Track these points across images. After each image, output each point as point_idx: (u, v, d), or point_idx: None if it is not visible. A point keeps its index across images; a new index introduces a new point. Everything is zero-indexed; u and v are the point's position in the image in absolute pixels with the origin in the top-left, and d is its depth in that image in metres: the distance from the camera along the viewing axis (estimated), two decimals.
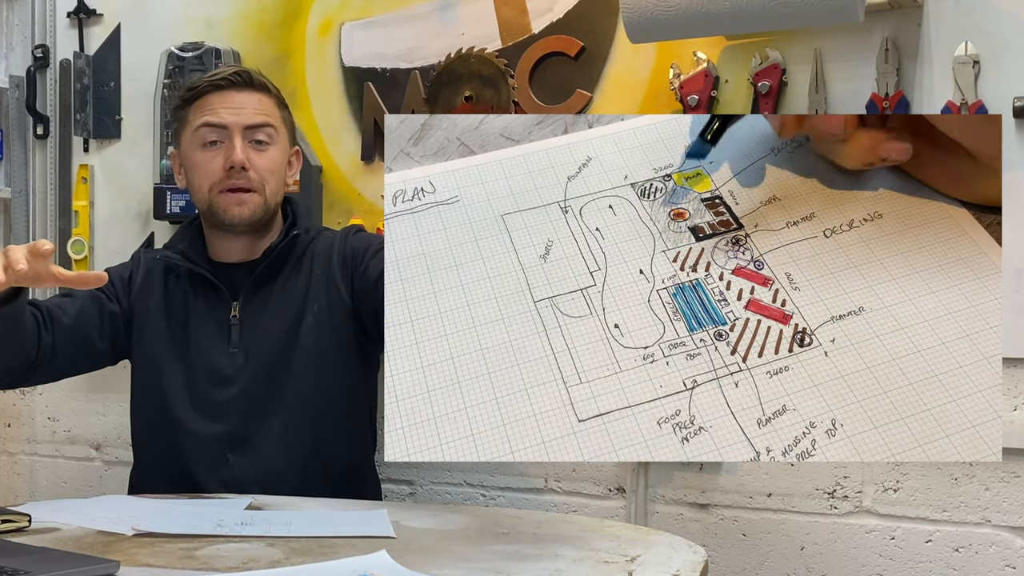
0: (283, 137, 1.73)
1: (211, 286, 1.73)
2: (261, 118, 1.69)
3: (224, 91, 1.69)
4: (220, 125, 1.67)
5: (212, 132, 1.68)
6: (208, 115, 1.68)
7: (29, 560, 1.10)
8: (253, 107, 1.69)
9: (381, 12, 2.01)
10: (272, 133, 1.70)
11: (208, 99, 1.69)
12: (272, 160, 1.70)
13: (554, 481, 1.86)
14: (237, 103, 1.68)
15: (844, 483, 1.67)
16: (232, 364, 1.70)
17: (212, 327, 1.71)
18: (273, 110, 1.72)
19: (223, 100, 1.68)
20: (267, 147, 1.70)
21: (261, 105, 1.70)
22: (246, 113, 1.68)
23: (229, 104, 1.68)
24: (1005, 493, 1.58)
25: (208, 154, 1.68)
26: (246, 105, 1.69)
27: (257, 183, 1.68)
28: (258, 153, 1.69)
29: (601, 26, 1.82)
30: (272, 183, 1.71)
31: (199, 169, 1.70)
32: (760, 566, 1.73)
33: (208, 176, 1.68)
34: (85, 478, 2.27)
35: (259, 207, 1.70)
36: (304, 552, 1.21)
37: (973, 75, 1.57)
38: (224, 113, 1.68)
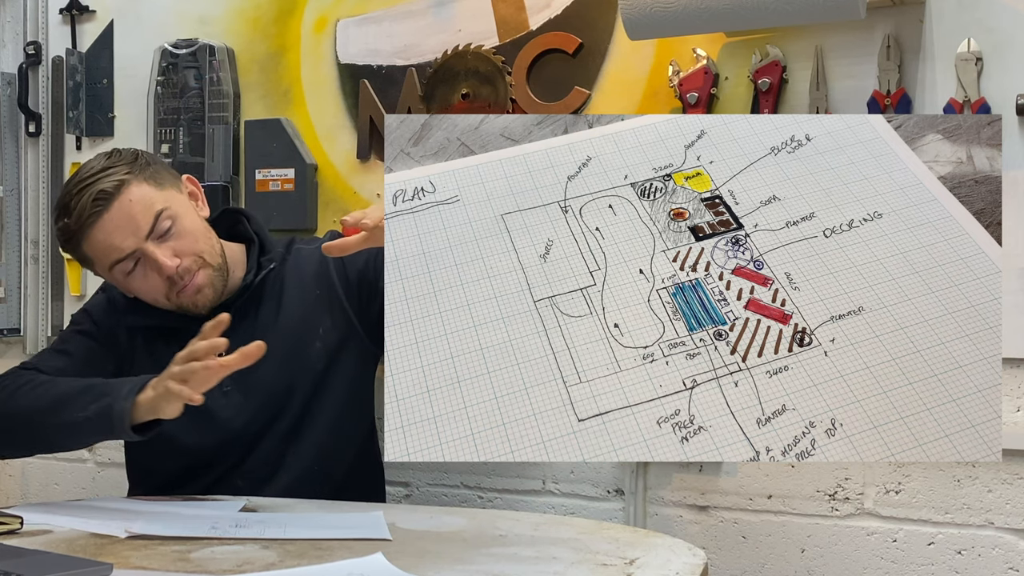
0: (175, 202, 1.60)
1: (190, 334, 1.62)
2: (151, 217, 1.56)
3: (99, 222, 1.55)
4: (127, 255, 1.56)
5: (126, 263, 1.57)
6: (110, 254, 1.56)
7: (21, 563, 1.10)
8: (136, 214, 1.55)
9: (377, 8, 2.00)
10: (169, 213, 1.58)
11: (93, 238, 1.56)
12: (190, 232, 1.60)
13: (552, 483, 1.86)
14: (119, 224, 1.55)
15: (845, 485, 1.67)
16: (230, 404, 1.65)
17: None
18: (149, 193, 1.57)
19: (106, 231, 1.55)
20: (174, 228, 1.58)
21: (138, 205, 1.55)
22: (137, 226, 1.55)
23: (115, 230, 1.55)
24: (1008, 495, 1.58)
25: (138, 279, 1.59)
26: (130, 218, 1.55)
27: (197, 262, 1.60)
28: (174, 240, 1.58)
29: (599, 23, 1.81)
30: (205, 247, 1.61)
31: (141, 292, 1.61)
32: (760, 569, 1.72)
33: (154, 293, 1.60)
34: (77, 480, 2.26)
35: (215, 277, 1.62)
36: (299, 554, 1.20)
37: (976, 72, 1.57)
38: (120, 242, 1.55)
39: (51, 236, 2.26)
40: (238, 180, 2.09)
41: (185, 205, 1.63)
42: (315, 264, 1.72)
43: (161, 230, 1.57)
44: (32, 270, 2.28)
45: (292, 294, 1.70)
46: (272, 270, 1.69)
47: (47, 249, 2.26)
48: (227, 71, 2.08)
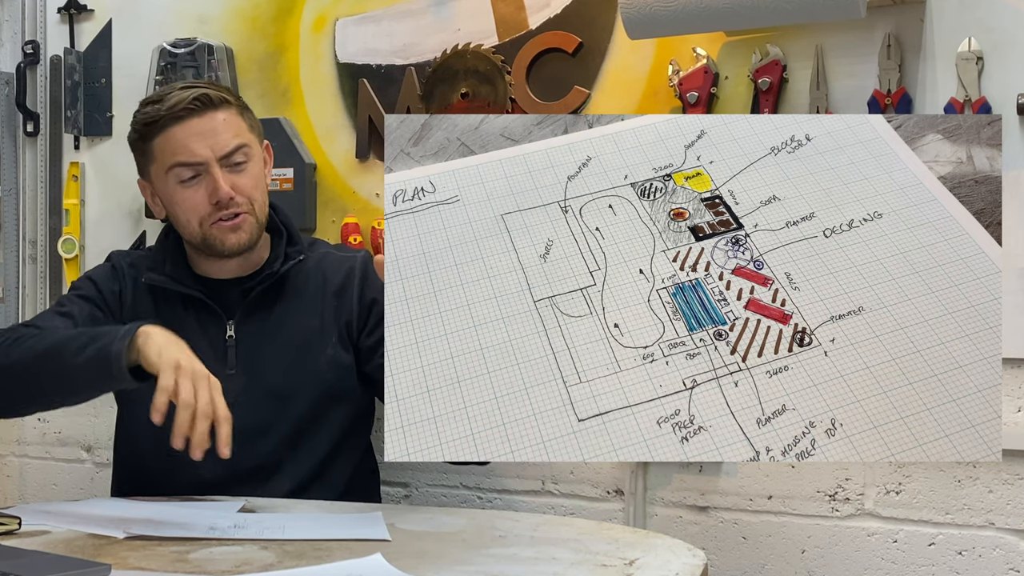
0: (256, 147, 1.65)
1: (203, 304, 1.65)
2: (234, 142, 1.59)
3: (186, 121, 1.58)
4: (195, 163, 1.58)
5: (187, 170, 1.59)
6: (179, 154, 1.58)
7: (19, 563, 1.09)
8: (222, 131, 1.59)
9: (376, 7, 1.99)
10: (247, 151, 1.61)
11: (172, 133, 1.58)
12: (254, 177, 1.62)
13: (551, 483, 1.85)
14: (204, 131, 1.58)
15: (846, 485, 1.67)
16: (232, 387, 1.61)
17: (206, 346, 1.61)
18: (240, 124, 1.62)
19: (188, 132, 1.58)
20: (245, 166, 1.61)
21: (228, 126, 1.60)
22: (218, 142, 1.58)
23: (197, 135, 1.58)
24: (1009, 495, 1.57)
25: (188, 191, 1.60)
26: (215, 132, 1.58)
27: (247, 206, 1.61)
28: (239, 175, 1.60)
29: (599, 22, 1.81)
30: (259, 198, 1.63)
31: (182, 206, 1.61)
32: (760, 569, 1.72)
33: (195, 212, 1.61)
34: (76, 480, 2.25)
35: (254, 228, 1.63)
36: (298, 555, 1.20)
37: (976, 71, 1.56)
38: (196, 148, 1.58)
39: (49, 236, 2.25)
40: None
41: (260, 156, 1.66)
42: (342, 275, 1.69)
43: (234, 160, 1.60)
44: (30, 270, 2.27)
45: (312, 295, 1.68)
46: (299, 262, 1.68)
47: (45, 249, 2.26)
48: (226, 70, 2.08)
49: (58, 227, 2.25)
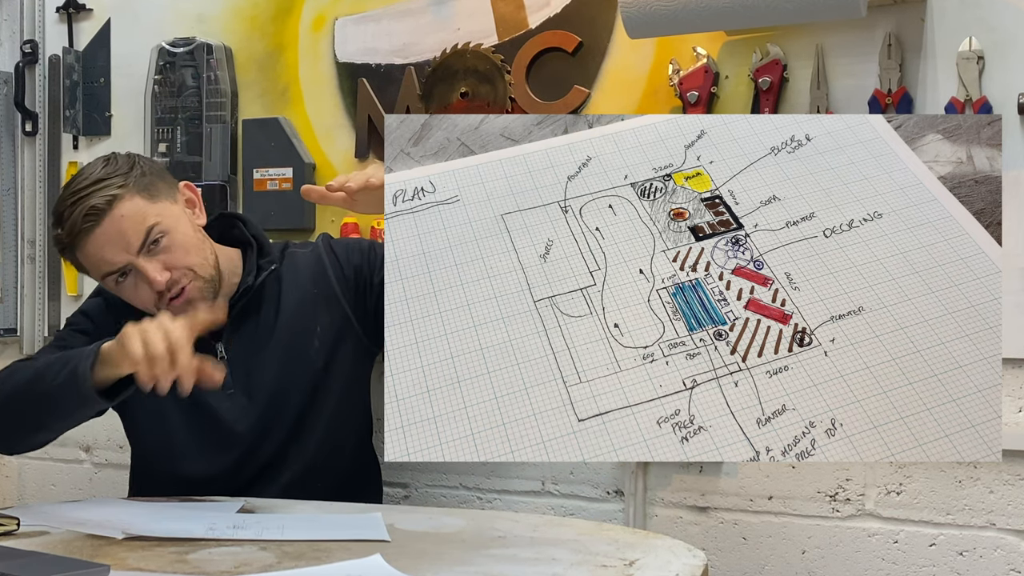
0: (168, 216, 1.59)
1: None
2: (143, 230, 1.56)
3: (91, 234, 1.55)
4: (118, 270, 1.56)
5: (116, 275, 1.57)
6: (101, 267, 1.57)
7: (18, 564, 1.09)
8: (127, 228, 1.55)
9: (375, 7, 1.99)
10: (160, 227, 1.57)
11: (85, 251, 1.57)
12: (181, 245, 1.59)
13: (551, 484, 1.85)
14: (111, 238, 1.55)
15: (846, 486, 1.66)
16: (233, 406, 1.65)
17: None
18: (140, 207, 1.56)
19: (96, 245, 1.55)
20: (165, 241, 1.57)
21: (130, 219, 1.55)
22: (128, 241, 1.55)
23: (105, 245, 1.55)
24: (1010, 496, 1.57)
25: (128, 289, 1.59)
26: (121, 233, 1.55)
27: (187, 275, 1.59)
28: (165, 254, 1.57)
29: (599, 21, 1.81)
30: (197, 259, 1.60)
31: (132, 302, 1.61)
32: (761, 570, 1.72)
33: (147, 303, 1.59)
34: (75, 481, 2.25)
35: (206, 288, 1.61)
36: (297, 556, 1.20)
37: (977, 71, 1.56)
38: (110, 256, 1.55)
39: (48, 236, 2.25)
40: (236, 179, 2.09)
41: (178, 217, 1.61)
42: (312, 264, 1.72)
43: (152, 244, 1.56)
44: (29, 270, 2.27)
45: (289, 295, 1.70)
46: (271, 272, 1.69)
47: (44, 249, 2.25)
48: (225, 70, 2.08)
49: None
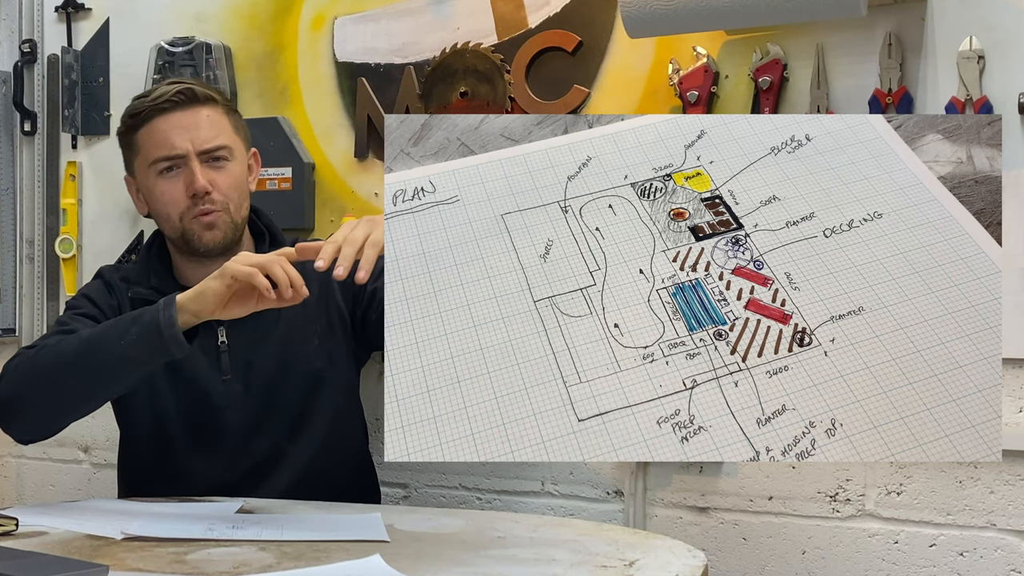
0: (239, 149, 1.67)
1: None
2: (214, 140, 1.62)
3: (170, 113, 1.61)
4: (175, 155, 1.61)
5: (167, 162, 1.61)
6: (160, 147, 1.61)
7: (16, 564, 1.09)
8: (204, 127, 1.62)
9: (375, 6, 1.99)
10: (229, 151, 1.64)
11: (155, 125, 1.62)
12: (233, 176, 1.65)
13: (551, 484, 1.85)
14: (187, 125, 1.61)
15: (846, 486, 1.66)
16: (227, 392, 1.65)
17: (200, 354, 1.63)
18: (224, 123, 1.65)
19: (171, 124, 1.61)
20: (225, 164, 1.64)
21: (212, 122, 1.63)
22: (199, 136, 1.61)
23: (178, 128, 1.61)
24: (1011, 496, 1.57)
25: (168, 183, 1.62)
26: (196, 126, 1.61)
27: (222, 203, 1.63)
28: (218, 172, 1.63)
29: (599, 21, 1.81)
30: (236, 199, 1.65)
31: (162, 199, 1.64)
32: (761, 570, 1.72)
33: (174, 205, 1.62)
34: (73, 481, 2.25)
35: (229, 227, 1.64)
36: (296, 556, 1.19)
37: (978, 70, 1.56)
38: (176, 140, 1.60)
39: (46, 236, 2.25)
40: None
41: (243, 159, 1.68)
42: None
43: (213, 159, 1.62)
44: (27, 270, 2.27)
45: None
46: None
47: (42, 249, 2.25)
48: (224, 69, 2.07)
49: (55, 227, 2.24)
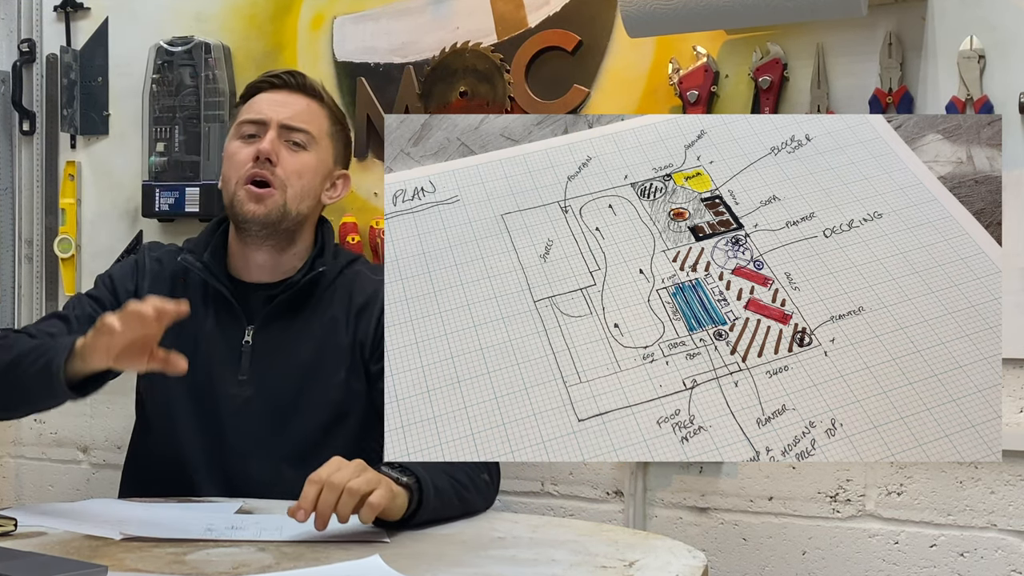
0: (324, 149, 1.66)
1: (226, 304, 1.63)
2: (300, 121, 1.64)
3: (275, 90, 1.66)
4: (259, 120, 1.63)
5: (251, 126, 1.64)
6: (250, 112, 1.65)
7: (15, 565, 1.09)
8: (296, 108, 1.64)
9: (374, 6, 1.98)
10: (310, 139, 1.64)
11: (258, 97, 1.66)
12: (303, 163, 1.63)
13: (551, 484, 1.85)
14: (283, 101, 1.65)
15: (847, 486, 1.66)
16: (240, 394, 1.61)
17: (222, 348, 1.61)
18: (320, 118, 1.66)
19: (270, 98, 1.65)
20: (302, 151, 1.63)
21: (308, 109, 1.65)
22: (286, 112, 1.63)
23: (274, 101, 1.65)
24: (1011, 496, 1.57)
25: (241, 144, 1.64)
26: (290, 105, 1.64)
27: (279, 181, 1.61)
28: (290, 152, 1.63)
29: (599, 20, 1.80)
30: (297, 186, 1.62)
31: (230, 160, 1.65)
32: (761, 571, 1.71)
33: (236, 167, 1.63)
34: (72, 481, 2.24)
35: (276, 207, 1.61)
36: (296, 557, 1.19)
37: (978, 70, 1.56)
38: (266, 108, 1.64)
39: (45, 235, 2.24)
40: None
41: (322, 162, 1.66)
42: (366, 296, 1.64)
43: (294, 138, 1.63)
44: (26, 270, 2.26)
45: (335, 313, 1.63)
46: (322, 274, 1.64)
47: (41, 249, 2.25)
48: (223, 69, 2.07)
49: (54, 226, 2.23)
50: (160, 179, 2.08)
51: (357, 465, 1.29)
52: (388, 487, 1.28)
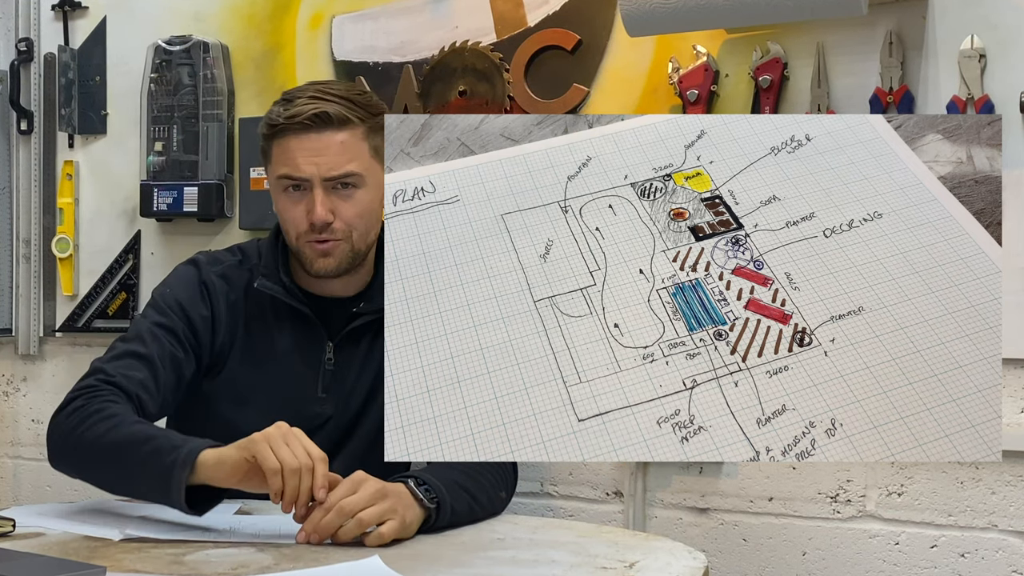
0: (374, 173, 1.54)
1: (306, 322, 1.57)
2: (343, 167, 1.50)
3: (302, 135, 1.50)
4: (299, 178, 1.51)
5: (291, 182, 1.52)
6: (287, 165, 1.51)
7: (13, 566, 1.08)
8: (336, 153, 1.50)
9: (373, 5, 1.98)
10: (359, 179, 1.52)
11: (287, 143, 1.51)
12: (359, 204, 1.52)
13: (550, 485, 1.84)
14: (318, 149, 1.50)
15: (847, 487, 1.66)
16: (321, 412, 1.56)
17: (302, 366, 1.56)
18: (360, 148, 1.52)
19: (302, 146, 1.50)
20: (353, 192, 1.52)
21: (345, 147, 1.51)
22: (326, 163, 1.50)
23: (309, 151, 1.50)
24: (1012, 497, 1.57)
25: (291, 202, 1.53)
26: (327, 150, 1.50)
27: (343, 232, 1.52)
28: (343, 200, 1.52)
29: (598, 19, 1.80)
30: (361, 227, 1.53)
31: (283, 215, 1.55)
32: (761, 571, 1.71)
33: (293, 225, 1.53)
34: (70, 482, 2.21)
35: (346, 256, 1.53)
36: (295, 558, 1.19)
37: (979, 69, 1.55)
38: (303, 164, 1.50)
39: (43, 235, 2.24)
40: (233, 178, 2.08)
41: (377, 181, 1.56)
42: None
43: (341, 185, 1.51)
44: (24, 269, 2.26)
45: None
46: None
47: (39, 248, 2.24)
48: (221, 68, 2.07)
49: (52, 226, 2.23)
50: (158, 178, 2.08)
51: (377, 491, 1.27)
52: (402, 520, 1.27)
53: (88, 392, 1.47)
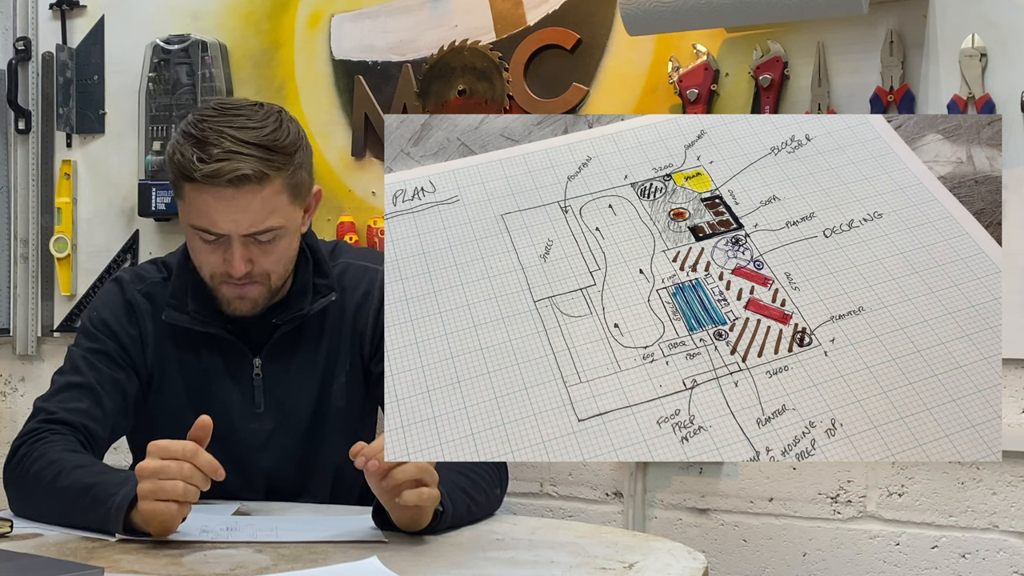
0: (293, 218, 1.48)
1: (228, 343, 1.55)
2: (263, 223, 1.44)
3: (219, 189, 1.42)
4: (216, 233, 1.45)
5: (207, 234, 1.46)
6: (204, 220, 1.44)
7: (11, 567, 1.09)
8: (255, 211, 1.43)
9: (372, 3, 1.98)
10: (279, 232, 1.46)
11: (203, 196, 1.43)
12: (278, 251, 1.48)
13: (550, 485, 1.84)
14: (237, 207, 1.42)
15: (848, 487, 1.66)
16: (261, 430, 1.56)
17: (231, 386, 1.55)
18: (278, 200, 1.45)
19: (220, 205, 1.42)
20: (272, 244, 1.47)
21: (265, 204, 1.43)
22: (246, 219, 1.43)
23: (227, 209, 1.42)
24: (1013, 497, 1.57)
25: (207, 248, 1.47)
26: (247, 208, 1.43)
27: (261, 277, 1.49)
28: (262, 251, 1.47)
29: (598, 18, 1.80)
30: (279, 270, 1.50)
31: (197, 257, 1.50)
32: (761, 572, 1.71)
33: (208, 267, 1.48)
34: None
35: (263, 297, 1.51)
36: (293, 558, 1.19)
37: (980, 68, 1.55)
38: (221, 222, 1.43)
39: (41, 235, 2.24)
40: None
41: (296, 229, 1.51)
42: (360, 293, 1.59)
43: (260, 237, 1.46)
44: (22, 269, 2.26)
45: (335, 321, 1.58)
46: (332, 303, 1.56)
47: (37, 248, 2.24)
48: (220, 67, 2.07)
49: (50, 226, 2.23)
50: (156, 178, 2.08)
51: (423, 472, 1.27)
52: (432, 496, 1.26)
53: (31, 438, 1.46)
